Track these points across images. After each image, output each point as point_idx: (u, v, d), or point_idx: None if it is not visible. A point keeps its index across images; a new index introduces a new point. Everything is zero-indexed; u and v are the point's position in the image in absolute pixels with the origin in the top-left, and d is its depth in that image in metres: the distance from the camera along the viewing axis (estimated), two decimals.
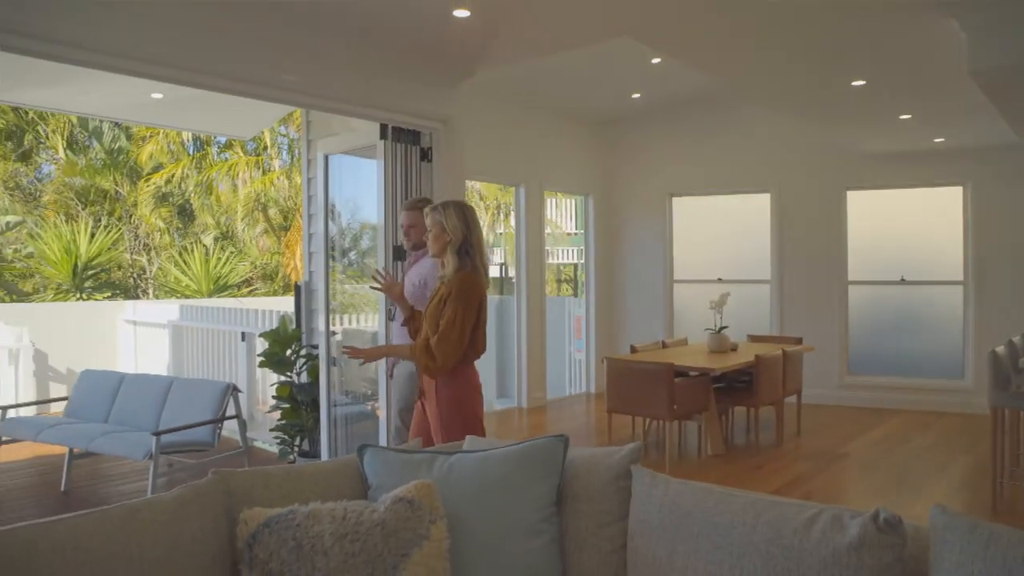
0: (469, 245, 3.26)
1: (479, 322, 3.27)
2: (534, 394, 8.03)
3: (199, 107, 6.01)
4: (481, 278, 3.28)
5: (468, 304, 3.17)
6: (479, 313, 3.25)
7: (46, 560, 1.51)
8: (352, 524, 1.79)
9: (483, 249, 3.35)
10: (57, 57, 3.52)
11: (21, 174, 13.05)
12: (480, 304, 3.26)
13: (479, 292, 3.25)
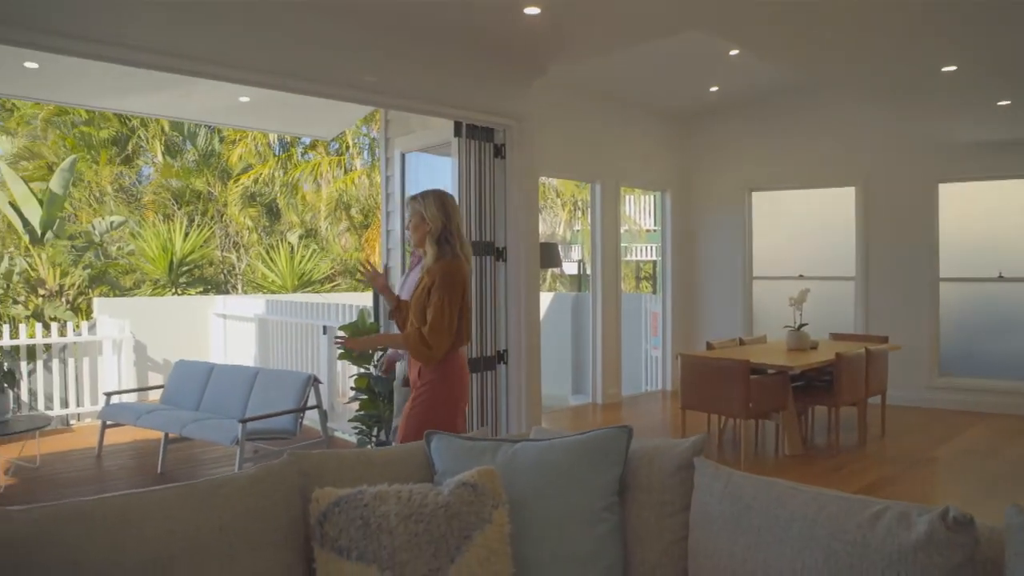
0: (449, 233, 3.30)
1: (463, 309, 3.28)
2: (609, 390, 8.01)
3: (283, 109, 6.27)
4: (463, 265, 3.31)
5: (452, 291, 3.21)
6: (463, 299, 3.27)
7: (137, 524, 1.65)
8: (417, 506, 1.87)
9: (464, 236, 3.37)
10: (154, 66, 3.76)
11: (124, 177, 13.90)
12: (464, 291, 3.28)
13: (461, 279, 3.27)
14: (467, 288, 3.31)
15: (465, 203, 4.80)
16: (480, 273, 4.88)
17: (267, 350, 8.41)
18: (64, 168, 10.44)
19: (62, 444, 6.60)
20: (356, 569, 1.78)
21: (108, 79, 5.24)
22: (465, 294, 3.29)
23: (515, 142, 4.97)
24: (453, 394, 3.32)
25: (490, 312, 4.92)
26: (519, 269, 4.97)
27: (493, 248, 4.96)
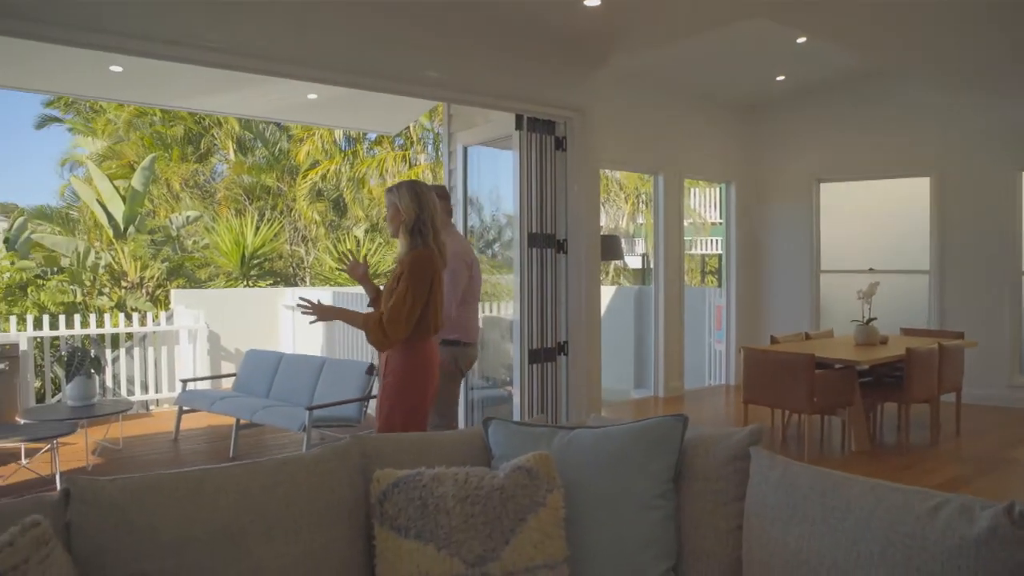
0: (422, 223, 3.30)
1: (432, 299, 3.26)
2: (671, 384, 7.94)
3: (349, 105, 6.44)
4: (434, 255, 3.29)
5: (419, 281, 3.20)
6: (432, 290, 3.25)
7: (211, 496, 1.75)
8: (473, 488, 1.92)
9: (438, 227, 3.35)
10: (228, 65, 3.92)
11: (199, 174, 14.47)
12: (433, 280, 3.26)
13: (430, 269, 3.25)
14: (437, 278, 3.30)
15: (526, 195, 4.84)
16: (541, 265, 4.92)
17: (333, 340, 8.64)
18: (144, 166, 10.94)
19: (142, 428, 6.95)
20: (414, 547, 1.85)
21: (185, 80, 5.48)
22: (436, 285, 3.28)
23: (576, 134, 4.98)
24: (418, 384, 3.32)
25: (550, 304, 4.96)
26: (579, 261, 4.99)
27: (554, 240, 4.98)
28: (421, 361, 3.32)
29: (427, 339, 3.34)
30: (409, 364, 3.30)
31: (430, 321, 3.29)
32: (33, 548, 1.48)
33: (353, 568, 1.88)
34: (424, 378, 3.34)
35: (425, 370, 3.34)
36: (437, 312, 3.32)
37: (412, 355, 3.30)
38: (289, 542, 1.80)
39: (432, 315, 3.29)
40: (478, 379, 5.87)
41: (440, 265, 3.33)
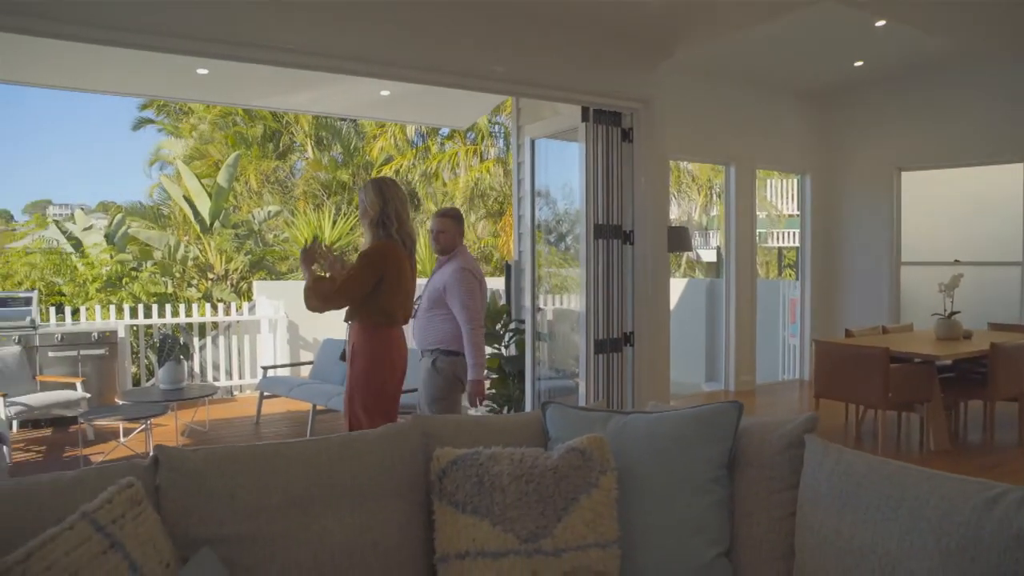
0: (385, 216, 3.48)
1: (389, 288, 3.41)
2: (742, 377, 7.83)
3: (420, 101, 6.60)
4: (395, 247, 3.46)
5: (368, 267, 3.38)
6: (387, 278, 3.39)
7: (283, 467, 1.89)
8: (528, 467, 1.99)
9: (403, 219, 3.51)
10: (305, 65, 4.10)
11: (279, 170, 15.02)
12: (387, 270, 3.40)
13: (386, 258, 3.40)
14: (397, 268, 3.44)
15: (592, 187, 4.87)
16: (607, 256, 4.94)
17: (407, 330, 8.86)
18: (229, 164, 11.46)
19: (226, 412, 7.32)
20: (470, 522, 1.94)
21: (265, 80, 5.75)
22: (390, 273, 3.41)
23: (642, 126, 4.97)
24: (382, 368, 3.50)
25: (616, 294, 4.97)
26: (646, 252, 4.98)
27: (620, 231, 5.00)
28: (385, 347, 3.50)
29: (391, 326, 3.52)
30: (374, 349, 3.49)
31: (394, 309, 3.49)
32: (128, 506, 1.64)
33: (412, 539, 1.99)
34: (388, 362, 3.53)
35: (390, 355, 3.53)
36: (400, 300, 3.50)
37: (376, 341, 3.49)
38: (353, 512, 1.92)
39: (395, 303, 3.47)
40: (547, 369, 5.94)
41: (402, 257, 3.49)
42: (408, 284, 3.58)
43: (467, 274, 4.06)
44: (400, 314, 3.57)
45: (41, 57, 5.04)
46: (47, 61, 5.14)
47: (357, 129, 14.55)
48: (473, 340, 4.01)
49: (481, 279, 4.24)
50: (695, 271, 16.85)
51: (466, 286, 4.02)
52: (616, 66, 4.85)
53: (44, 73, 5.52)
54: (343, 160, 15.09)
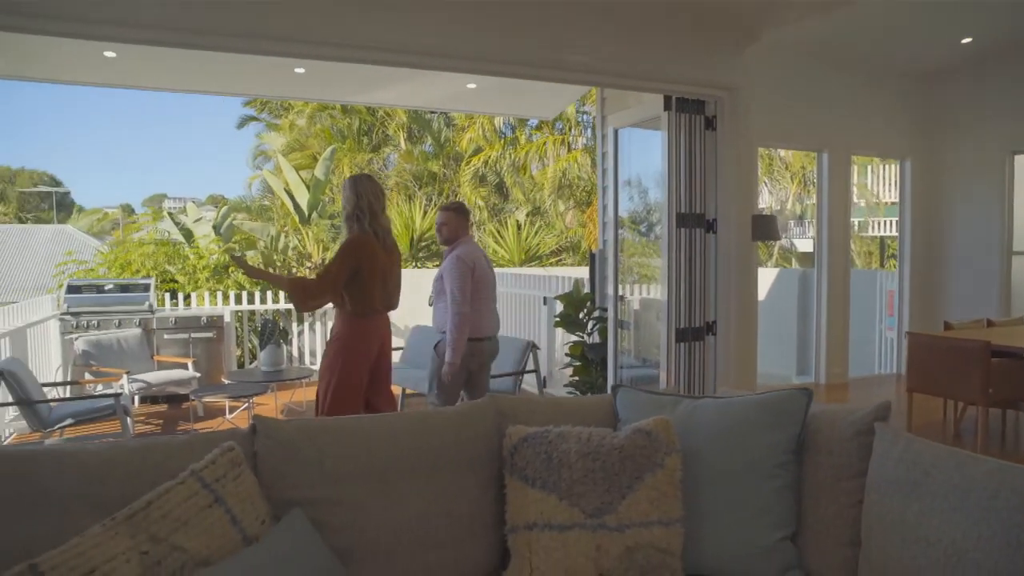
0: (359, 211, 3.69)
1: (367, 277, 3.61)
2: (833, 370, 7.59)
3: (505, 93, 6.71)
4: (367, 239, 3.66)
5: (342, 261, 3.60)
6: (360, 271, 3.59)
7: (365, 439, 2.05)
8: (595, 445, 2.08)
9: (376, 213, 3.74)
10: (393, 62, 4.29)
11: (373, 163, 15.52)
12: (362, 260, 3.60)
13: (359, 249, 3.61)
14: (370, 260, 3.63)
15: (674, 176, 4.86)
16: (689, 245, 4.92)
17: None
18: (325, 157, 11.95)
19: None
20: (539, 496, 2.04)
21: (357, 76, 6.01)
22: (364, 265, 3.61)
23: (726, 113, 4.91)
24: (353, 352, 3.71)
25: (698, 283, 4.95)
26: (729, 241, 4.93)
27: (703, 220, 4.97)
28: (360, 333, 3.74)
29: (369, 316, 3.73)
30: (346, 338, 3.74)
31: (373, 298, 3.70)
32: (229, 467, 1.83)
33: (484, 509, 2.11)
34: (360, 347, 3.75)
35: (363, 341, 3.75)
36: (378, 289, 3.70)
37: (349, 330, 3.73)
38: (429, 482, 2.06)
39: (373, 292, 3.68)
40: (632, 358, 5.98)
41: (376, 248, 3.72)
42: (386, 273, 3.78)
43: (460, 262, 4.27)
44: (379, 303, 3.78)
45: (160, 63, 5.45)
46: (164, 66, 5.56)
47: (448, 121, 14.85)
48: (454, 323, 4.21)
49: (476, 267, 4.38)
50: (791, 261, 16.33)
51: (456, 274, 4.23)
52: (699, 53, 4.80)
53: (162, 77, 5.98)
54: (434, 152, 15.44)
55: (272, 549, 1.76)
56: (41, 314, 6.82)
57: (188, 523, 1.68)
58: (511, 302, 8.56)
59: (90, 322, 6.82)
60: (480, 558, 2.08)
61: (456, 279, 4.23)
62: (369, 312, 3.76)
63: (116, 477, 1.77)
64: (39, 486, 1.72)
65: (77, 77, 5.97)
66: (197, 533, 1.68)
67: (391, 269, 3.84)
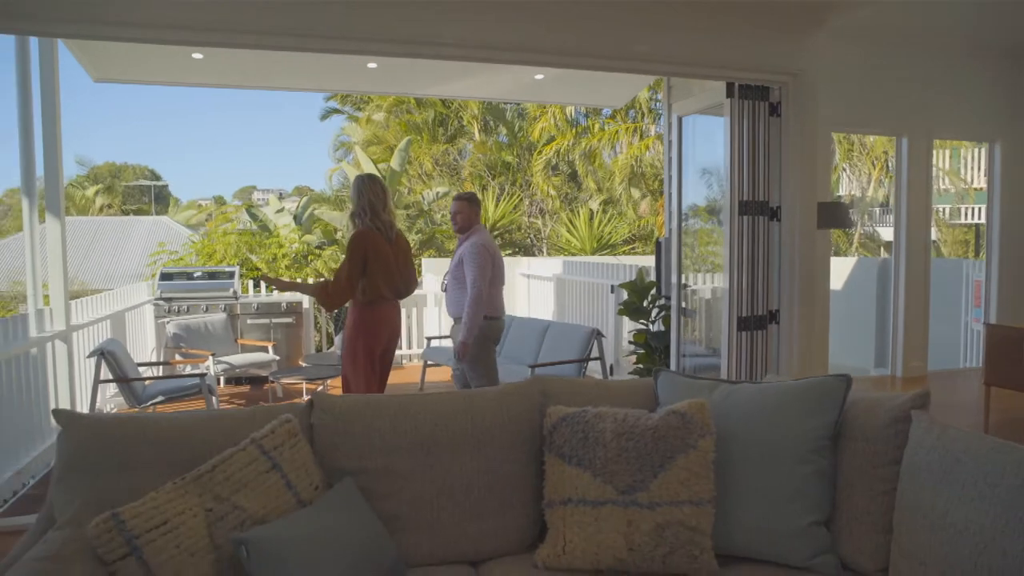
0: (361, 209, 4.02)
1: (375, 266, 3.92)
2: (911, 363, 7.34)
3: (572, 82, 6.77)
4: (369, 232, 3.97)
5: (351, 256, 3.91)
6: (367, 261, 3.91)
7: (412, 415, 2.19)
8: (629, 426, 2.16)
9: (377, 211, 4.04)
10: (460, 57, 4.46)
11: (448, 153, 15.81)
12: (367, 250, 3.92)
13: (363, 241, 3.92)
14: (375, 251, 3.94)
15: (737, 163, 4.82)
16: (752, 233, 4.88)
17: (563, 306, 9.15)
18: (400, 148, 12.26)
19: (393, 378, 7.86)
20: (575, 472, 2.14)
21: (428, 71, 6.19)
22: (370, 257, 3.92)
23: (791, 99, 4.83)
24: (364, 337, 4.04)
25: (761, 271, 4.91)
26: (794, 229, 4.87)
27: (767, 207, 4.92)
28: (369, 319, 4.05)
29: (379, 304, 4.04)
30: (359, 321, 4.06)
31: (381, 286, 3.97)
32: (287, 436, 2.01)
33: (524, 484, 2.22)
34: (371, 333, 4.06)
35: (373, 327, 4.06)
36: (388, 278, 4.02)
37: (362, 314, 4.05)
38: (472, 457, 2.19)
39: (382, 280, 3.97)
40: (698, 346, 5.96)
41: (378, 240, 4.01)
42: (391, 263, 4.05)
43: (482, 249, 4.57)
44: (388, 291, 4.05)
45: (242, 63, 5.78)
46: (246, 66, 5.88)
47: (521, 111, 14.96)
48: (471, 305, 4.48)
49: (495, 255, 4.70)
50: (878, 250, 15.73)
51: (479, 260, 4.52)
52: (762, 39, 4.74)
53: (244, 76, 6.32)
54: (508, 142, 15.59)
55: (323, 512, 1.93)
56: (137, 299, 7.33)
57: (247, 485, 1.86)
58: (578, 290, 8.64)
59: (180, 307, 7.29)
60: (519, 530, 2.20)
61: (478, 265, 4.53)
62: (376, 300, 4.04)
63: (188, 443, 1.97)
64: (124, 449, 1.94)
65: (169, 78, 6.38)
66: (255, 495, 1.86)
67: (395, 259, 4.12)
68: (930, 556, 1.82)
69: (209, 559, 1.72)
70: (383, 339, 4.14)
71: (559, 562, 2.07)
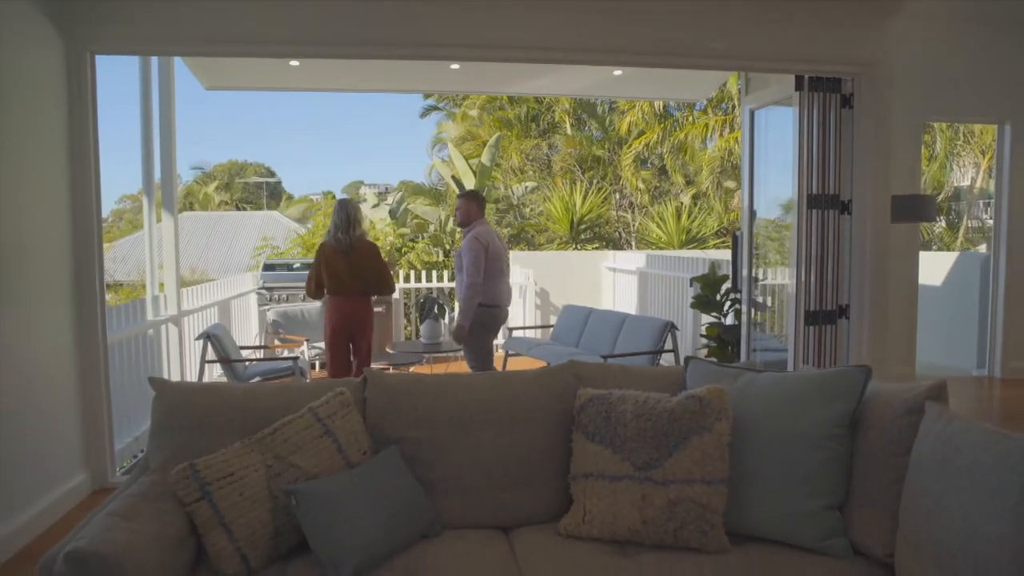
0: (332, 226, 5.23)
1: (323, 271, 5.15)
2: (1011, 364, 7.00)
3: (651, 78, 6.84)
4: (324, 246, 5.23)
5: (315, 262, 5.26)
6: (320, 266, 5.16)
7: (451, 392, 2.44)
8: (648, 407, 2.31)
9: (335, 228, 5.19)
10: (541, 60, 4.74)
11: (538, 148, 16.04)
12: (318, 260, 5.21)
13: (318, 254, 5.25)
14: (328, 259, 5.15)
15: (806, 157, 4.81)
16: (821, 226, 4.86)
17: (645, 300, 9.22)
18: (491, 144, 12.59)
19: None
20: (597, 449, 2.32)
21: (509, 68, 6.44)
22: (327, 263, 5.14)
23: (864, 90, 4.76)
24: (327, 323, 5.30)
25: (831, 266, 4.88)
26: (865, 222, 4.81)
27: (837, 201, 4.88)
28: (328, 307, 5.32)
29: (332, 296, 5.23)
30: (325, 308, 5.37)
31: (328, 284, 5.20)
32: (339, 406, 2.29)
33: (553, 459, 2.42)
34: (329, 317, 5.30)
35: (330, 312, 5.30)
36: (331, 279, 5.17)
37: (325, 304, 5.34)
38: (503, 432, 2.41)
39: (328, 281, 5.19)
40: (775, 340, 5.95)
41: (328, 250, 5.18)
42: (339, 267, 5.14)
43: (476, 241, 5.13)
44: (335, 287, 5.19)
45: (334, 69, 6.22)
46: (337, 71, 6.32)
47: (612, 106, 14.99)
48: (465, 292, 5.13)
49: (490, 246, 5.20)
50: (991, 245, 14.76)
51: (472, 251, 5.10)
52: (833, 31, 4.70)
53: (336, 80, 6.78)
54: (601, 137, 15.67)
55: (368, 474, 2.20)
56: (243, 288, 7.97)
57: (303, 447, 2.16)
58: (660, 284, 8.68)
59: (280, 296, 7.87)
60: (547, 501, 2.40)
61: (471, 257, 5.10)
62: (331, 294, 5.24)
63: (255, 409, 2.29)
64: (203, 412, 2.28)
65: (269, 84, 6.92)
66: (309, 455, 2.15)
67: (347, 263, 5.16)
68: (924, 541, 1.90)
69: (267, 507, 2.02)
70: (335, 321, 5.26)
71: (579, 531, 2.26)
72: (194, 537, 1.98)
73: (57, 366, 3.86)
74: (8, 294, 3.42)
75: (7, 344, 3.38)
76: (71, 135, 3.96)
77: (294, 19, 4.23)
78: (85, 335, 4.05)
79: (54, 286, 3.85)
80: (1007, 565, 1.64)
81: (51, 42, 3.85)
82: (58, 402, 3.86)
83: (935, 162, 11.68)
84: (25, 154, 3.61)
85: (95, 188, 4.06)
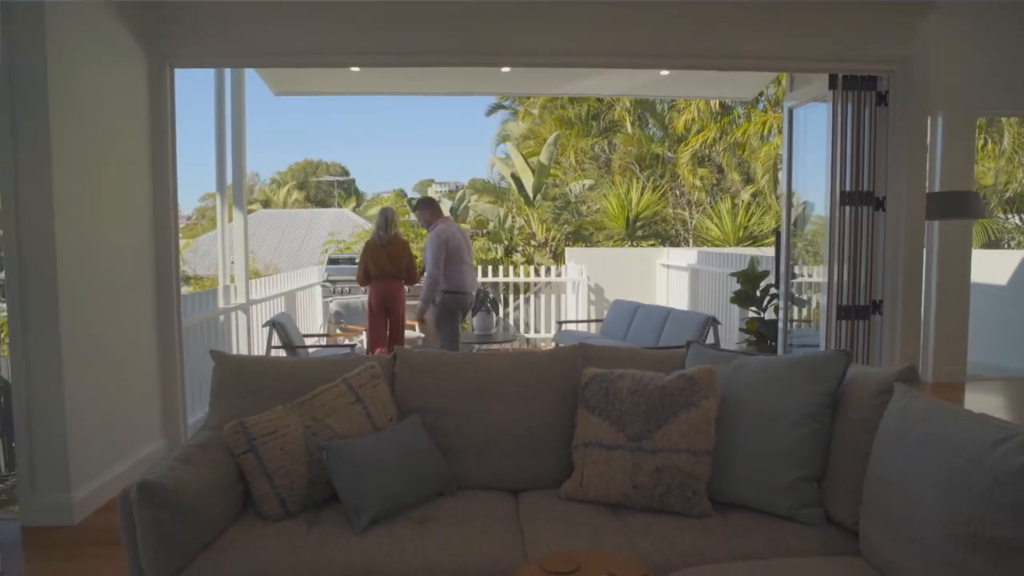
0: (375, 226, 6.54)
1: (367, 262, 6.40)
2: None
3: (697, 77, 6.99)
4: (369, 242, 6.51)
5: (362, 255, 6.47)
6: (366, 258, 6.38)
7: (470, 369, 2.75)
8: (643, 385, 2.56)
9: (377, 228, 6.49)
10: (592, 64, 5.04)
11: (596, 147, 16.19)
12: (364, 252, 6.46)
13: (365, 247, 6.44)
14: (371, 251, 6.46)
15: (839, 154, 4.90)
16: (855, 223, 4.94)
17: (696, 295, 9.34)
18: (549, 143, 12.86)
19: None
20: (596, 421, 2.58)
21: (555, 71, 6.71)
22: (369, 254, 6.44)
23: (898, 87, 4.82)
24: (369, 301, 6.50)
25: (864, 262, 4.96)
26: (899, 219, 4.87)
27: (871, 198, 4.96)
28: (370, 290, 6.58)
29: (374, 280, 6.45)
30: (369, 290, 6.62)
31: (370, 271, 6.43)
32: (369, 378, 2.63)
33: (558, 430, 2.69)
34: (371, 296, 6.50)
35: (372, 294, 6.50)
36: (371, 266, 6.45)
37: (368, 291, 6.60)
38: (516, 406, 2.70)
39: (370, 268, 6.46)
40: (811, 337, 6.02)
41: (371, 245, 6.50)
42: (380, 257, 6.33)
43: (437, 238, 6.15)
44: (376, 272, 6.41)
45: (392, 74, 6.62)
46: (395, 76, 6.72)
47: (671, 104, 15.02)
48: (427, 284, 6.19)
49: (449, 240, 6.19)
50: None
51: (432, 247, 6.16)
52: (867, 29, 4.77)
53: (394, 85, 7.18)
54: (661, 135, 15.72)
55: (392, 437, 2.53)
56: (309, 281, 8.49)
57: (337, 411, 2.50)
58: (710, 280, 8.79)
59: (343, 288, 8.35)
60: (550, 466, 2.68)
61: (432, 252, 6.15)
62: (373, 278, 6.39)
63: (297, 378, 2.66)
64: (254, 380, 2.66)
65: (333, 89, 7.38)
66: (342, 419, 2.50)
67: (385, 254, 6.36)
68: (878, 508, 2.09)
69: (304, 460, 2.37)
70: (375, 299, 6.44)
71: (577, 494, 2.54)
72: (242, 484, 2.36)
73: (140, 348, 4.36)
74: (104, 286, 3.93)
75: (102, 330, 3.89)
76: (152, 142, 4.45)
77: (355, 32, 4.63)
78: (163, 321, 4.55)
79: (139, 278, 4.36)
80: (938, 530, 1.82)
81: (136, 57, 4.35)
82: (141, 379, 4.36)
83: (1002, 157, 11.32)
84: (114, 160, 4.11)
85: (172, 191, 4.54)
